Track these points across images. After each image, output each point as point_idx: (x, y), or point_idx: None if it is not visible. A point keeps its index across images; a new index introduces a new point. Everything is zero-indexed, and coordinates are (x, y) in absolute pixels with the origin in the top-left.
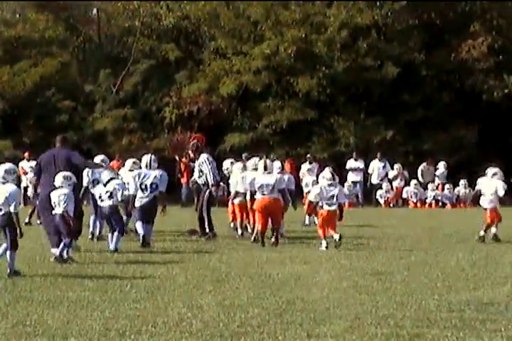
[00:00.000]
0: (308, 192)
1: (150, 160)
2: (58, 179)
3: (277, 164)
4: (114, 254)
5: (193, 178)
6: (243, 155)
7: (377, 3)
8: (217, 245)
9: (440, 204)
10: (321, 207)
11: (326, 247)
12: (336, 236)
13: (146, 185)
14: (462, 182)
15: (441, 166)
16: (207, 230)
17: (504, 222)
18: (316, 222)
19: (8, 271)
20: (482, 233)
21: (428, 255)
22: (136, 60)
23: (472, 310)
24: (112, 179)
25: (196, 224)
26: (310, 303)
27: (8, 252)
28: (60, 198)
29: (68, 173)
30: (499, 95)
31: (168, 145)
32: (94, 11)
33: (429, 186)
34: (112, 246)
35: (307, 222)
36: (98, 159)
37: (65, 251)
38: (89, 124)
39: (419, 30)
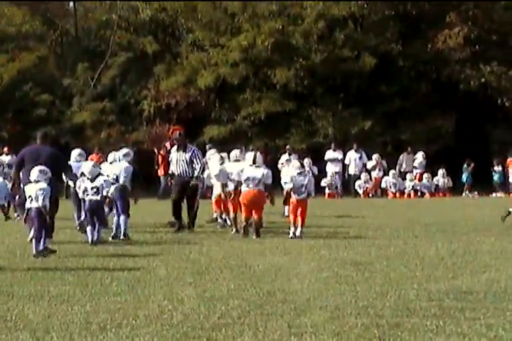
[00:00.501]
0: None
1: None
2: (34, 173)
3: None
4: (94, 248)
5: (170, 170)
6: (207, 146)
7: None
8: (197, 237)
9: (419, 193)
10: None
11: (294, 234)
12: (298, 232)
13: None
14: (440, 171)
15: (420, 156)
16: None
17: (482, 211)
18: (286, 213)
19: None
20: None
21: (407, 245)
22: (113, 53)
23: (451, 298)
24: (99, 175)
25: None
26: (290, 294)
27: None
28: (37, 193)
29: (44, 167)
30: (476, 85)
31: (147, 137)
32: (71, 4)
33: (408, 176)
34: (94, 239)
35: (286, 213)
36: (76, 153)
37: (40, 245)
38: (68, 118)
39: (396, 20)
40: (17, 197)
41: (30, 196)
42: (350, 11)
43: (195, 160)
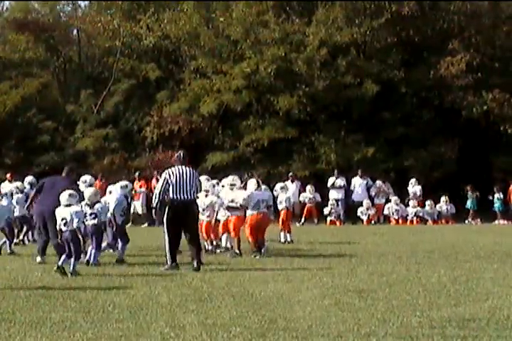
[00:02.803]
0: (282, 209)
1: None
2: (64, 197)
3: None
4: (97, 276)
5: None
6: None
7: (356, 21)
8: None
9: (421, 220)
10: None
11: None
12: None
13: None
14: (443, 198)
15: (413, 182)
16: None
17: (485, 238)
18: (288, 239)
19: None
20: None
21: (409, 272)
22: (116, 80)
23: (454, 326)
24: (97, 202)
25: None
26: (292, 322)
27: None
28: (72, 216)
29: (73, 191)
30: (478, 112)
31: (150, 164)
32: (75, 31)
33: (411, 203)
34: (91, 261)
35: (282, 239)
36: (83, 179)
37: (76, 265)
38: (71, 144)
39: (398, 47)
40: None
41: (63, 218)
42: (352, 38)
43: (197, 182)
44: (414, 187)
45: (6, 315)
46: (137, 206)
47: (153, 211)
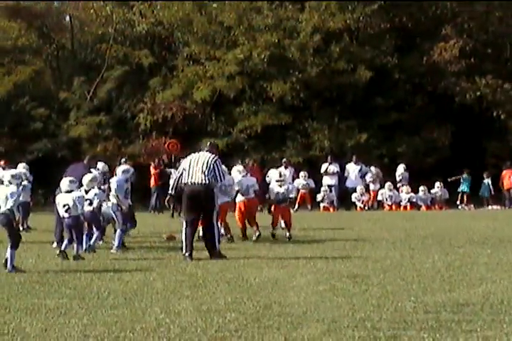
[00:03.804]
0: None
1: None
2: (65, 183)
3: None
4: (91, 261)
5: (175, 184)
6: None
7: (349, 8)
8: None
9: (415, 206)
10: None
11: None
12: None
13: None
14: (437, 184)
15: (401, 168)
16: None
17: (478, 223)
18: (282, 225)
19: None
20: None
21: (404, 257)
22: (109, 67)
23: (448, 311)
24: (92, 188)
25: (169, 230)
26: (287, 307)
27: None
28: (75, 201)
29: (73, 178)
30: (471, 97)
31: (144, 151)
32: (67, 18)
33: (404, 188)
34: (91, 244)
35: (283, 224)
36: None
37: (80, 250)
38: (64, 132)
39: (391, 33)
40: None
41: (65, 205)
42: (345, 24)
43: (216, 167)
44: (402, 172)
45: (1, 302)
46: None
47: (167, 198)
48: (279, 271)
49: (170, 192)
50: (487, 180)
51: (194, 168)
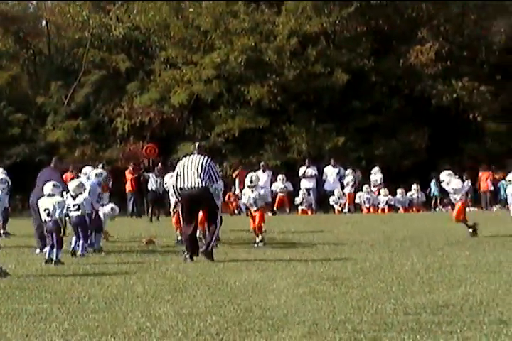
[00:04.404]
0: None
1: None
2: (48, 187)
3: None
4: (71, 266)
5: (176, 188)
6: None
7: (326, 11)
8: (174, 254)
9: (393, 208)
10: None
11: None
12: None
13: None
14: (414, 186)
15: (376, 171)
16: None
17: (456, 225)
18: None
19: None
20: None
21: (383, 259)
22: (87, 71)
23: (428, 312)
24: (80, 194)
25: (148, 234)
26: (268, 310)
27: None
28: (55, 206)
29: (57, 182)
30: (448, 100)
31: (121, 155)
32: (44, 23)
33: (382, 191)
34: (80, 252)
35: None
36: (84, 171)
37: (60, 254)
38: (42, 136)
39: (368, 36)
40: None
41: (46, 209)
42: (322, 28)
43: (211, 168)
44: (376, 175)
45: None
46: (105, 198)
47: (174, 204)
48: (259, 274)
49: (175, 199)
50: (467, 182)
51: (189, 171)
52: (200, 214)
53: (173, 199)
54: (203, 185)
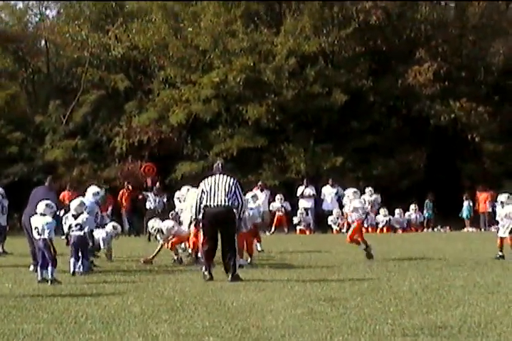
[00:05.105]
0: None
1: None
2: (41, 207)
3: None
4: (68, 286)
5: (197, 207)
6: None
7: (324, 31)
8: (171, 274)
9: (391, 228)
10: None
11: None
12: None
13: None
14: (412, 206)
15: (367, 192)
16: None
17: (455, 246)
18: (259, 248)
19: None
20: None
21: (381, 280)
22: (85, 91)
23: (426, 334)
24: (81, 213)
25: (146, 253)
26: (265, 331)
27: None
28: (44, 226)
29: (50, 202)
30: (446, 120)
31: (119, 174)
32: (43, 42)
33: (381, 211)
34: (76, 270)
35: (259, 248)
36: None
37: (55, 273)
38: (40, 155)
39: (366, 57)
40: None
41: (36, 227)
42: (320, 48)
43: (237, 189)
44: (372, 196)
45: None
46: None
47: (194, 223)
48: (256, 295)
49: (194, 216)
50: (467, 202)
51: (216, 190)
52: (188, 230)
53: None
54: (229, 204)
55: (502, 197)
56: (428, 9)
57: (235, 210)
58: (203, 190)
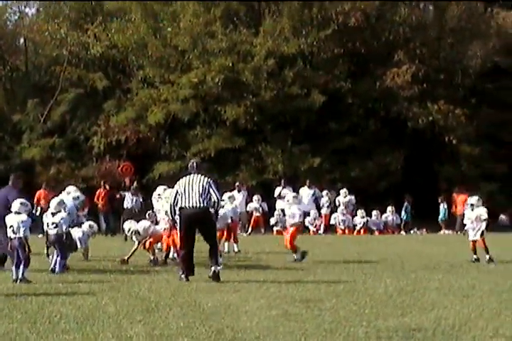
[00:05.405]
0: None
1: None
2: (16, 205)
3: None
4: (43, 285)
5: (173, 208)
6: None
7: (303, 32)
8: (147, 274)
9: (368, 230)
10: None
11: None
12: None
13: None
14: (389, 208)
15: (342, 193)
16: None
17: (430, 248)
18: (235, 249)
19: None
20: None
21: (356, 282)
22: (64, 89)
23: (400, 336)
24: (59, 212)
25: (122, 253)
26: (240, 332)
27: None
28: (19, 224)
29: (25, 200)
30: (423, 122)
31: (97, 174)
32: (22, 40)
33: (359, 213)
34: (57, 270)
35: (226, 249)
36: (68, 190)
37: (25, 273)
38: (17, 154)
39: (345, 58)
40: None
41: (11, 226)
42: (299, 49)
43: (211, 188)
44: (346, 197)
45: None
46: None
47: (173, 223)
48: (231, 296)
49: (170, 218)
50: (443, 204)
51: (190, 191)
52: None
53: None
54: (205, 205)
55: (472, 200)
56: (407, 11)
57: (211, 209)
58: (177, 191)
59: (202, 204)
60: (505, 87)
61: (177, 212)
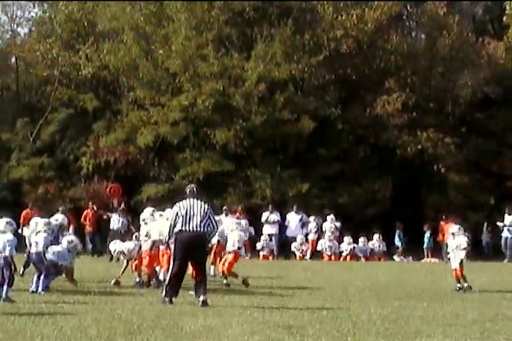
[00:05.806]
0: (215, 243)
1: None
2: (1, 224)
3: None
4: (26, 305)
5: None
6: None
7: (295, 58)
8: (130, 296)
9: (354, 257)
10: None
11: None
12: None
13: None
14: (376, 235)
15: (329, 219)
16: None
17: (415, 276)
18: (212, 273)
19: None
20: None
21: (340, 308)
22: (54, 109)
23: None
24: (40, 231)
25: (108, 274)
26: None
27: None
28: (5, 243)
29: (10, 219)
30: (413, 150)
31: (85, 194)
32: (13, 59)
33: (346, 239)
34: (39, 288)
35: (212, 272)
36: (55, 218)
37: (9, 292)
38: (5, 173)
39: (336, 85)
40: None
41: None
42: (290, 74)
43: (211, 215)
44: (332, 223)
45: None
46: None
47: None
48: (214, 320)
49: (167, 240)
50: (428, 232)
51: (192, 215)
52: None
53: (147, 243)
54: (204, 230)
55: (453, 229)
56: (398, 39)
57: (207, 236)
58: (177, 214)
59: (202, 229)
60: (494, 116)
61: (173, 236)
